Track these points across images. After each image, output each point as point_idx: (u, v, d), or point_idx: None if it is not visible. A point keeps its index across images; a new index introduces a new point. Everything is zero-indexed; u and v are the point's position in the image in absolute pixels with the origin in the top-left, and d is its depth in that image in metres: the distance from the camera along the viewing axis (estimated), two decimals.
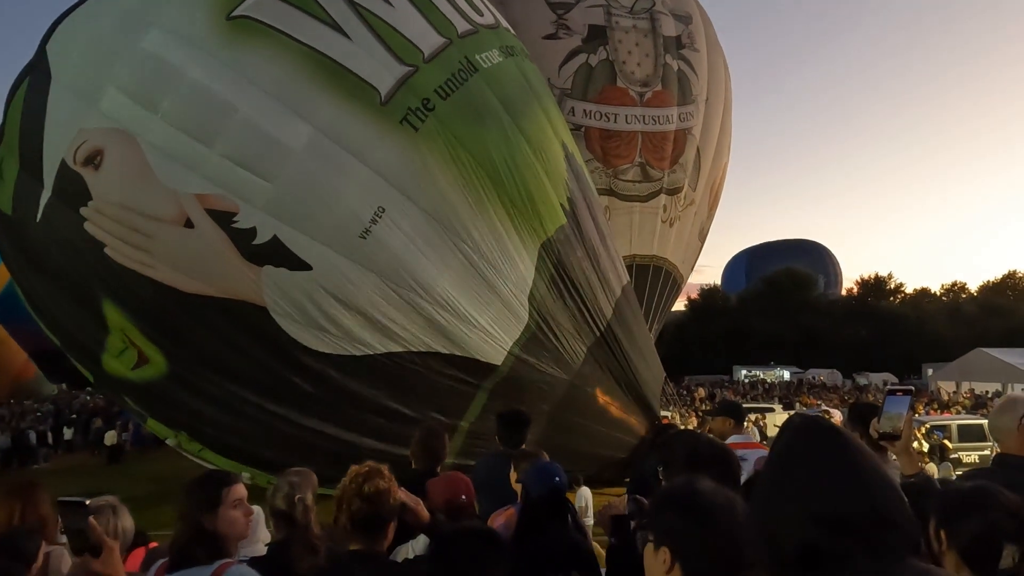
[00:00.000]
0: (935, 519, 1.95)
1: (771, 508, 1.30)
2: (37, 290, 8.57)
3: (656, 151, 15.73)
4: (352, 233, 7.49)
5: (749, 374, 44.95)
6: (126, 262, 7.47)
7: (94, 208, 7.41)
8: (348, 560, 2.46)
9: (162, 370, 8.10)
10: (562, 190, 9.15)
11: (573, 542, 2.82)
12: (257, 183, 7.27)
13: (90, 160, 7.35)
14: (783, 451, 1.39)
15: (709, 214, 18.34)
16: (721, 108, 17.12)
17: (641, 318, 11.37)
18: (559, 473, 2.91)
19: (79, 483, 13.18)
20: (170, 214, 7.29)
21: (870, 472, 1.26)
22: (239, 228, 7.28)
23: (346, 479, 2.51)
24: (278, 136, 7.33)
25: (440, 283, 7.91)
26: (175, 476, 11.20)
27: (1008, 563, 1.79)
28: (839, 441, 1.32)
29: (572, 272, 9.04)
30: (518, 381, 8.56)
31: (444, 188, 7.92)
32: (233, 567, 2.30)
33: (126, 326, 7.91)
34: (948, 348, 39.79)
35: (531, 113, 9.09)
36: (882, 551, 1.17)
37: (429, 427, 4.14)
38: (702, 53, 16.48)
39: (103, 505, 2.69)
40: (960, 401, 25.91)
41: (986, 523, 1.82)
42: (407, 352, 7.97)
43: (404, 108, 7.80)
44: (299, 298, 7.51)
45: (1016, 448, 2.60)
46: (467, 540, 1.86)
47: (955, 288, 62.57)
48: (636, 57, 15.59)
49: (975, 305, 53.80)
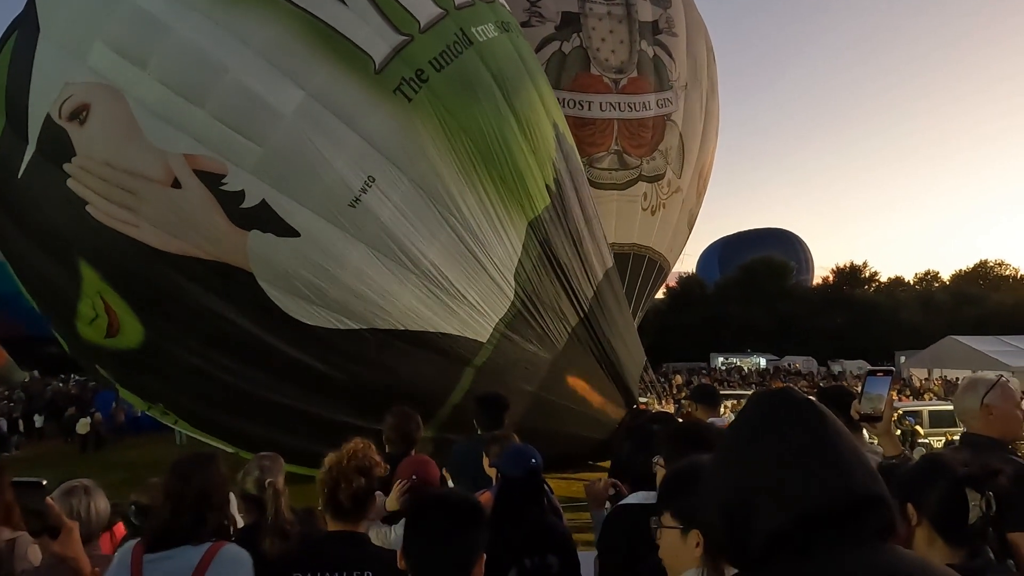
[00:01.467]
0: (899, 497, 1.99)
1: (736, 490, 1.09)
2: (17, 249, 8.34)
3: (633, 138, 15.62)
4: (342, 201, 7.38)
5: (726, 361, 45.31)
6: (108, 221, 7.29)
7: (78, 164, 7.24)
8: (333, 542, 2.42)
9: (138, 338, 7.91)
10: (549, 170, 9.09)
11: (549, 525, 2.80)
12: (247, 145, 7.14)
13: (75, 115, 7.18)
14: (749, 425, 1.16)
15: (698, 200, 18.21)
16: (704, 93, 16.89)
17: (624, 303, 11.35)
18: (535, 455, 2.89)
19: (52, 471, 12.98)
20: (157, 173, 7.14)
21: (848, 450, 1.09)
22: (227, 191, 7.15)
23: (342, 457, 2.46)
24: (269, 99, 7.19)
25: (428, 256, 7.85)
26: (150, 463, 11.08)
27: (977, 513, 1.82)
28: (815, 415, 1.12)
29: (557, 252, 9.03)
30: (504, 359, 8.53)
31: (435, 161, 7.84)
32: (228, 546, 2.24)
33: (103, 288, 7.71)
34: (921, 336, 40.33)
35: (524, 91, 9.00)
36: (860, 536, 1.04)
37: (403, 410, 4.11)
38: (680, 38, 16.23)
39: (75, 487, 2.63)
40: (932, 388, 26.32)
41: (947, 482, 1.87)
42: (393, 329, 7.87)
43: (398, 78, 7.70)
44: (285, 266, 7.37)
45: (981, 428, 2.61)
46: (444, 507, 1.82)
47: (928, 277, 63.42)
48: (610, 44, 15.39)
49: (947, 294, 54.54)
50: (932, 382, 29.63)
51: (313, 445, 8.41)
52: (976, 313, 46.01)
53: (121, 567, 2.17)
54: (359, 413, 7.76)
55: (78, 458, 16.95)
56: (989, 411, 2.57)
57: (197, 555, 2.16)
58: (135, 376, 8.69)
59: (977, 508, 1.83)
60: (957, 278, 60.83)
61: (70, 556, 2.07)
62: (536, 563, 2.55)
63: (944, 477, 1.89)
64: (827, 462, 1.06)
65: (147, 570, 2.16)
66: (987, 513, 1.83)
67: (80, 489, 2.63)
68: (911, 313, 50.11)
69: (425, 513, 1.79)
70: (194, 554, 2.16)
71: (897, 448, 2.42)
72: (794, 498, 1.04)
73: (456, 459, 4.26)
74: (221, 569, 2.14)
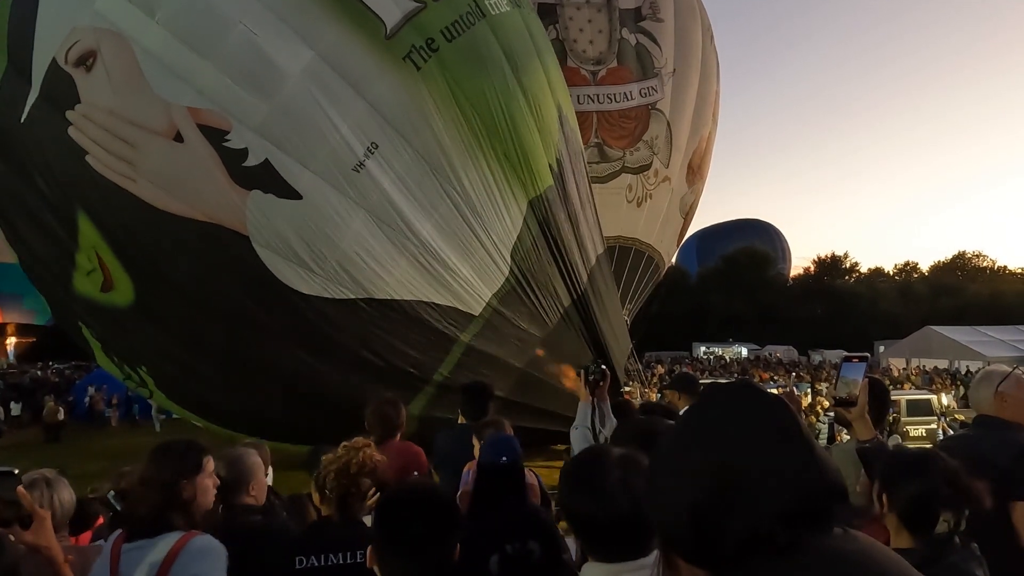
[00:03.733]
0: (879, 482, 2.02)
1: (705, 490, 0.98)
2: (9, 194, 8.10)
3: (613, 130, 15.41)
4: (346, 165, 7.30)
5: (708, 351, 45.72)
6: (107, 173, 7.16)
7: (81, 112, 7.10)
8: (332, 526, 2.45)
9: (129, 297, 7.74)
10: (552, 151, 9.05)
11: (530, 511, 2.78)
12: (252, 103, 7.03)
13: (82, 61, 7.03)
14: (710, 421, 1.06)
15: (692, 188, 17.88)
16: (696, 77, 16.49)
17: (614, 289, 11.32)
18: (514, 445, 2.87)
19: (28, 460, 12.83)
20: (160, 125, 7.00)
21: (815, 443, 1.03)
22: (230, 148, 7.03)
23: (349, 462, 2.49)
24: (277, 57, 7.09)
25: (426, 226, 7.80)
26: (128, 451, 10.97)
27: (944, 528, 1.84)
28: (781, 406, 1.04)
29: (555, 233, 9.01)
30: (494, 334, 8.54)
31: (439, 132, 7.77)
32: (198, 537, 2.20)
33: (98, 243, 7.55)
34: (899, 326, 40.94)
35: (532, 69, 8.91)
36: (829, 527, 0.99)
37: (384, 397, 4.07)
38: (667, 23, 15.82)
39: (36, 478, 2.56)
40: (911, 378, 26.67)
41: (924, 488, 1.91)
42: (388, 299, 7.79)
43: (408, 45, 7.61)
44: (284, 229, 7.25)
45: (995, 414, 2.76)
46: (414, 500, 1.77)
47: (907, 268, 64.28)
48: (588, 34, 15.13)
49: (926, 285, 55.33)
50: (911, 371, 30.02)
51: (296, 420, 8.44)
52: (954, 304, 46.74)
53: (103, 558, 2.18)
54: (347, 387, 7.73)
55: (53, 447, 16.75)
56: (1003, 399, 2.72)
57: (168, 545, 2.13)
58: (120, 337, 8.50)
59: (946, 524, 1.86)
60: (936, 269, 61.66)
61: (43, 545, 2.03)
62: (517, 549, 2.52)
63: (922, 482, 1.91)
64: (803, 457, 1.00)
65: (124, 560, 2.15)
66: (955, 530, 1.86)
67: (42, 481, 2.55)
68: (890, 303, 50.78)
69: (395, 509, 1.74)
70: (164, 544, 2.13)
71: (871, 432, 2.47)
72: (776, 494, 0.97)
73: (441, 447, 4.22)
74: (189, 560, 2.12)
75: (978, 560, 1.88)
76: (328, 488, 2.47)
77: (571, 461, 1.95)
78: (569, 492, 1.72)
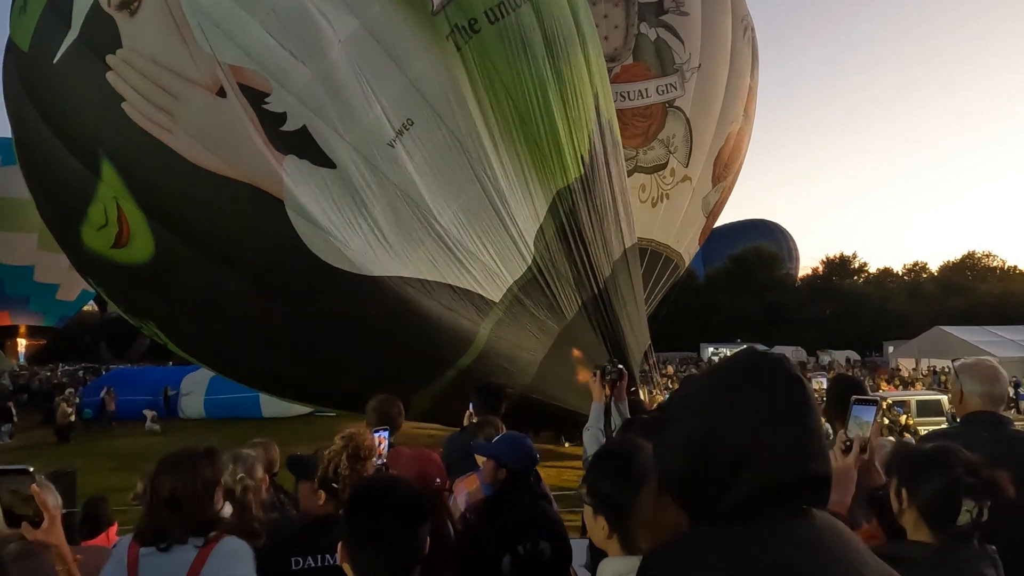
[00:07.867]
0: (897, 478, 1.99)
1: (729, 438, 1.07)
2: (32, 134, 7.94)
3: (626, 129, 14.90)
4: (381, 140, 7.26)
5: (716, 351, 45.55)
6: (143, 122, 7.03)
7: (121, 58, 6.97)
8: (326, 526, 2.38)
9: (147, 254, 7.56)
10: (585, 142, 8.97)
11: (541, 511, 2.79)
12: (294, 66, 6.98)
13: (126, 4, 6.92)
14: (749, 377, 1.12)
15: (716, 186, 17.08)
16: (724, 73, 15.63)
17: (639, 285, 11.13)
18: (531, 443, 2.89)
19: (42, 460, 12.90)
20: (203, 78, 6.89)
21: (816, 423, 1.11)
22: (269, 111, 6.97)
23: (353, 438, 2.48)
24: (323, 23, 7.03)
25: (452, 208, 7.79)
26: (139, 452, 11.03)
27: (966, 519, 1.82)
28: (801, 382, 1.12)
29: (580, 225, 8.97)
30: (513, 322, 8.51)
31: (474, 114, 7.78)
32: (227, 539, 2.18)
33: (121, 194, 7.34)
34: (909, 326, 40.71)
35: (572, 57, 8.78)
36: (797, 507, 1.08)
37: (385, 395, 4.04)
38: (693, 16, 14.98)
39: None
40: (921, 378, 26.53)
41: (947, 480, 1.88)
42: (412, 278, 7.69)
43: (451, 24, 7.57)
44: (317, 197, 7.14)
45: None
46: (381, 493, 1.73)
47: (916, 268, 63.90)
48: (603, 30, 14.32)
49: (935, 285, 54.97)
50: (920, 371, 29.86)
51: (309, 387, 8.34)
52: (963, 303, 46.42)
53: (118, 563, 2.12)
54: (364, 362, 7.72)
55: (64, 447, 16.82)
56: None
57: (194, 549, 2.10)
58: (132, 291, 8.35)
59: (968, 515, 1.83)
60: (945, 269, 61.27)
61: (54, 543, 2.05)
62: (529, 550, 2.53)
63: (944, 474, 1.88)
64: (795, 435, 1.08)
65: (143, 564, 2.10)
66: (977, 520, 1.83)
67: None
68: (899, 303, 50.50)
69: (363, 506, 1.70)
70: (191, 548, 2.11)
71: (881, 478, 2.34)
72: (792, 460, 1.06)
73: (454, 451, 4.21)
74: (219, 562, 2.09)
75: (991, 560, 1.85)
76: (342, 477, 2.41)
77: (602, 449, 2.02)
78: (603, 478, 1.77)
